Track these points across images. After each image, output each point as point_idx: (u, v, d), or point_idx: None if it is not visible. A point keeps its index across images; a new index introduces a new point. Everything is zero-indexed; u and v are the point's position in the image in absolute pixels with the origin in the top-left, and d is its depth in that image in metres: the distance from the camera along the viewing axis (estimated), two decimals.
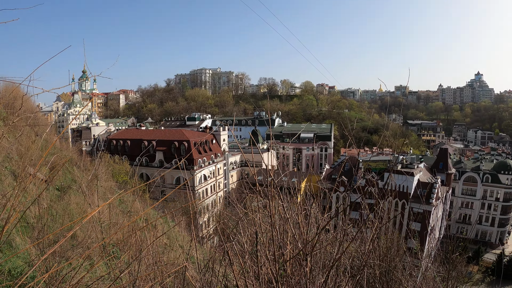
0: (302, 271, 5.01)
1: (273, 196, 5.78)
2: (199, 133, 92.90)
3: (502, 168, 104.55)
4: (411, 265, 10.22)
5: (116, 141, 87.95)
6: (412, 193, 72.70)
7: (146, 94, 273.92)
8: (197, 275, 6.11)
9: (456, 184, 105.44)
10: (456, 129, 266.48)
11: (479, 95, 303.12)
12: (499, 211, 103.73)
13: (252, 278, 4.89)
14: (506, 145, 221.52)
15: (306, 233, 5.62)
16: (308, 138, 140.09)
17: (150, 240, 7.99)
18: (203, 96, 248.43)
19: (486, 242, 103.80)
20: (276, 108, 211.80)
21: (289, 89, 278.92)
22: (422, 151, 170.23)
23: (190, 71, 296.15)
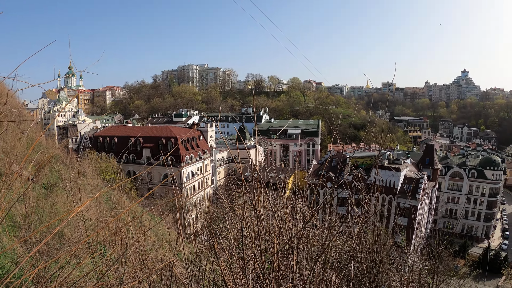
0: (288, 265, 5.02)
1: (259, 191, 5.80)
2: (186, 129, 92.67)
3: (488, 163, 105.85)
4: (398, 259, 10.31)
5: (102, 138, 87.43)
6: (398, 188, 73.13)
7: (133, 90, 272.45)
8: (184, 271, 6.10)
9: (442, 180, 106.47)
10: (443, 125, 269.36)
11: (465, 92, 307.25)
12: (485, 206, 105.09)
13: (239, 273, 4.90)
14: (491, 141, 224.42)
15: (291, 227, 5.63)
16: (295, 134, 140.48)
17: (137, 236, 7.97)
18: (190, 93, 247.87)
19: (472, 236, 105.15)
20: (263, 104, 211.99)
21: (276, 85, 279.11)
22: (409, 147, 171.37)
23: (177, 67, 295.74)
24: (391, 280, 8.90)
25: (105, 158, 66.26)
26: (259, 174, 5.82)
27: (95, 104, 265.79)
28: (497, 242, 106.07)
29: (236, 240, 6.11)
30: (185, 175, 79.64)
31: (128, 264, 6.97)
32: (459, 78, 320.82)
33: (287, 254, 5.06)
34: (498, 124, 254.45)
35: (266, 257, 4.98)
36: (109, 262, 6.87)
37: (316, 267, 5.52)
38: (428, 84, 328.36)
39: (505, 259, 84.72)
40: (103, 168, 58.12)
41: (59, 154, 26.83)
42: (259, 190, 5.75)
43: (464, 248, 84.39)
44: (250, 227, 5.52)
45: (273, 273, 4.92)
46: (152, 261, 7.72)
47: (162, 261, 7.34)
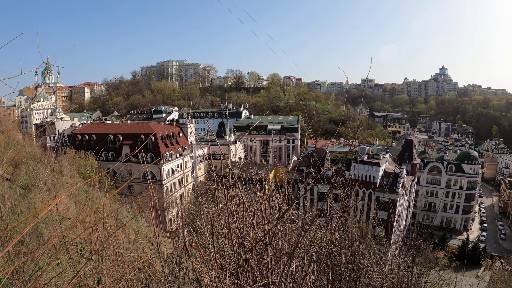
0: (263, 261, 5.01)
1: (232, 186, 5.79)
2: (166, 126, 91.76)
3: (466, 158, 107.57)
4: (378, 253, 10.37)
5: (81, 136, 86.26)
6: (378, 183, 73.64)
7: (111, 87, 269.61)
8: (160, 268, 6.06)
9: (421, 174, 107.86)
10: (421, 120, 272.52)
11: (443, 88, 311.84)
12: (463, 199, 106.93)
13: (215, 270, 4.87)
14: (469, 136, 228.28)
15: (265, 222, 5.61)
16: (275, 130, 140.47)
17: (116, 234, 7.89)
18: (170, 89, 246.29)
19: (451, 228, 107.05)
20: (243, 100, 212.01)
21: (256, 81, 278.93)
22: (388, 142, 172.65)
23: (157, 63, 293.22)
24: (371, 274, 8.96)
25: (83, 156, 65.41)
26: (231, 169, 5.80)
27: (73, 101, 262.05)
28: (476, 234, 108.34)
29: (210, 237, 6.09)
30: (165, 172, 79.12)
31: (106, 262, 6.92)
32: (438, 74, 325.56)
33: (262, 250, 5.04)
34: (476, 119, 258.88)
35: (240, 254, 4.96)
36: (87, 262, 6.81)
37: (293, 263, 5.53)
38: (407, 81, 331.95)
39: (484, 250, 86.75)
40: (82, 167, 57.41)
41: (36, 153, 26.48)
42: (232, 186, 5.74)
43: (443, 240, 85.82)
44: (224, 224, 5.51)
45: (248, 269, 4.91)
46: (132, 259, 7.68)
47: (141, 259, 7.31)
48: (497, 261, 73.05)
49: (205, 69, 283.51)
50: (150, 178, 78.05)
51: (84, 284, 6.02)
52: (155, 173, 78.28)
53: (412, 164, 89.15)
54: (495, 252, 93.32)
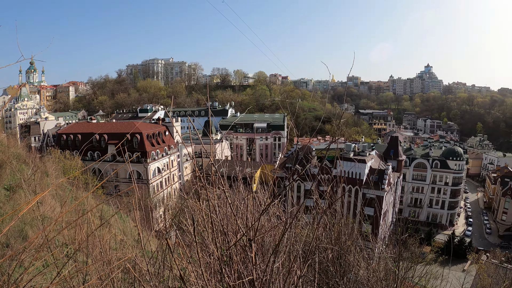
0: (247, 257, 4.97)
1: (214, 183, 5.75)
2: (151, 125, 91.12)
3: (451, 154, 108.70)
4: (364, 248, 10.39)
5: (66, 136, 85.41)
6: (364, 179, 73.99)
7: (96, 85, 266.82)
8: (145, 266, 6.00)
9: (407, 170, 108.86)
10: (406, 118, 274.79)
11: (428, 86, 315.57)
12: (449, 195, 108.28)
13: (199, 267, 4.82)
14: (454, 133, 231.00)
15: (247, 217, 5.57)
16: (262, 128, 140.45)
17: (102, 234, 7.83)
18: (155, 87, 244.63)
19: (437, 224, 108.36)
20: (229, 98, 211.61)
21: (242, 79, 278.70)
22: (374, 139, 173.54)
23: (142, 62, 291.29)
24: (357, 269, 8.97)
25: (69, 156, 64.64)
26: (213, 165, 5.76)
27: (58, 101, 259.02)
28: (462, 228, 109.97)
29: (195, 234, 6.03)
30: (151, 171, 78.69)
31: (91, 262, 6.85)
32: (423, 72, 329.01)
33: (246, 246, 5.00)
34: (460, 116, 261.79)
35: (223, 250, 4.91)
36: (69, 261, 6.73)
37: (279, 259, 5.50)
38: (393, 78, 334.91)
39: (470, 244, 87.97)
40: (67, 167, 56.80)
41: (21, 154, 26.22)
42: (215, 182, 5.70)
43: (430, 235, 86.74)
44: (207, 220, 5.45)
45: (232, 266, 4.86)
46: (119, 259, 7.61)
47: (125, 258, 7.24)
48: (483, 255, 74.28)
49: (191, 67, 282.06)
50: (137, 177, 77.63)
51: (69, 284, 5.95)
52: (141, 172, 77.82)
53: (397, 160, 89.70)
54: (481, 246, 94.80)
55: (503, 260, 55.06)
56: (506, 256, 58.26)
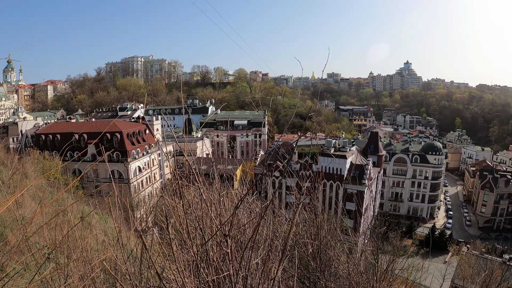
0: (223, 253, 4.98)
1: (190, 180, 5.75)
2: (131, 123, 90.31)
3: (430, 149, 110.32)
4: (345, 242, 10.48)
5: (45, 136, 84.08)
6: (345, 175, 74.49)
7: (75, 84, 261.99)
8: (123, 266, 5.98)
9: (387, 165, 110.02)
10: (386, 113, 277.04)
11: (407, 82, 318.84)
12: (429, 189, 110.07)
13: (175, 263, 4.81)
14: (433, 128, 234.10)
15: (220, 214, 5.59)
16: (242, 125, 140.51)
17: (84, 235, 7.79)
18: (135, 85, 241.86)
19: (418, 217, 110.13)
20: (209, 95, 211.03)
21: (222, 77, 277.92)
22: (354, 135, 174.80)
23: (122, 59, 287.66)
24: (338, 263, 9.04)
25: (48, 157, 63.86)
26: (187, 161, 5.76)
27: (36, 100, 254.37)
28: (442, 221, 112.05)
29: (172, 232, 6.02)
30: (132, 170, 78.14)
31: (73, 263, 6.81)
32: (402, 69, 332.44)
33: (221, 242, 5.01)
34: (439, 112, 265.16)
35: (198, 246, 4.91)
36: (46, 261, 6.68)
37: (257, 254, 5.52)
38: (372, 75, 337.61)
39: (450, 236, 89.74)
40: (46, 168, 56.13)
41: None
42: (190, 179, 5.71)
43: (411, 228, 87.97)
44: (183, 217, 5.43)
45: (209, 262, 4.87)
46: (99, 259, 7.57)
47: (104, 257, 7.20)
48: (464, 246, 75.26)
49: (171, 64, 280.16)
50: (117, 177, 77.08)
51: (50, 285, 5.91)
52: (122, 172, 77.26)
53: (378, 156, 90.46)
54: (461, 238, 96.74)
55: (483, 251, 56.19)
56: (486, 247, 59.35)
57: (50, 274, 6.07)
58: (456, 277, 47.72)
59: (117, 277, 5.58)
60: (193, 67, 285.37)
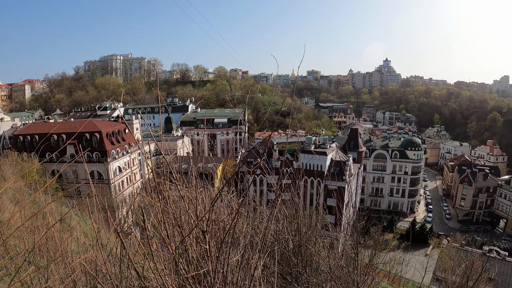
0: (202, 249, 4.96)
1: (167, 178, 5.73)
2: (111, 123, 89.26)
3: (409, 145, 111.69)
4: (325, 237, 10.53)
5: (23, 137, 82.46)
6: (326, 171, 74.85)
7: (53, 83, 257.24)
8: (103, 266, 5.94)
9: (367, 161, 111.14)
10: (366, 110, 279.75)
11: (387, 79, 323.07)
12: (408, 183, 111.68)
13: (161, 262, 4.79)
14: (412, 124, 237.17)
15: (197, 210, 5.57)
16: (222, 123, 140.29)
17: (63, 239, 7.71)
18: (114, 84, 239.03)
19: (399, 212, 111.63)
20: (189, 94, 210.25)
21: (202, 75, 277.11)
22: (334, 132, 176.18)
23: (100, 58, 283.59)
24: (319, 258, 9.09)
25: (26, 158, 62.94)
26: (164, 159, 5.75)
27: (13, 100, 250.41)
28: (422, 215, 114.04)
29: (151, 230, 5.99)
30: (112, 170, 77.41)
31: (54, 267, 6.75)
32: (381, 66, 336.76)
33: (199, 238, 4.99)
34: (418, 108, 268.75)
35: (176, 243, 4.88)
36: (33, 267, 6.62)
37: (237, 250, 5.52)
38: (352, 72, 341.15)
39: (431, 230, 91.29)
40: (25, 170, 55.36)
41: None
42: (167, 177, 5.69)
43: (392, 223, 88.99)
44: (159, 214, 5.40)
45: (188, 258, 4.85)
46: (80, 261, 7.50)
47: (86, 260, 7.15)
48: (444, 239, 76.95)
49: (150, 63, 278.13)
50: (98, 177, 76.38)
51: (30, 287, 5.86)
52: (102, 172, 76.54)
53: (358, 152, 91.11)
54: (442, 231, 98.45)
55: (463, 243, 57.23)
56: (466, 240, 60.36)
57: (30, 277, 6.00)
58: (437, 269, 48.49)
59: (98, 278, 5.54)
60: (173, 65, 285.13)
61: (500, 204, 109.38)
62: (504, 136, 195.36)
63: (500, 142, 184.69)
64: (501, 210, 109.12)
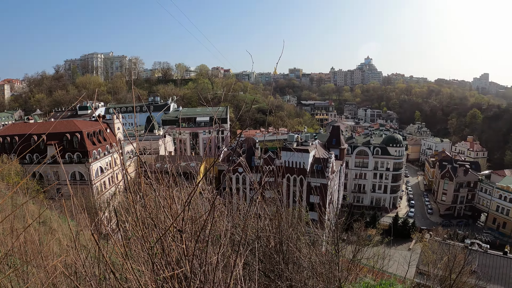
0: (178, 248, 4.93)
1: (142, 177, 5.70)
2: (92, 122, 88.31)
3: (391, 141, 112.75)
4: (307, 234, 10.56)
5: (2, 138, 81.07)
6: (308, 168, 75.09)
7: (33, 83, 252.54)
8: (81, 267, 5.88)
9: (349, 158, 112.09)
10: (347, 108, 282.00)
11: (368, 77, 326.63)
12: (390, 179, 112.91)
13: (140, 262, 4.75)
14: (393, 121, 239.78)
15: (170, 208, 5.54)
16: (204, 122, 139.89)
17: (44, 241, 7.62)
18: (95, 83, 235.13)
19: (381, 207, 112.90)
20: (171, 92, 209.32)
21: (184, 73, 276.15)
22: (316, 129, 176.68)
23: (81, 56, 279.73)
24: (299, 255, 9.11)
25: (6, 160, 62.10)
26: (139, 157, 5.72)
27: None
28: (404, 210, 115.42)
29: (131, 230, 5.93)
30: (94, 171, 76.61)
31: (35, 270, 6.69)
32: (363, 64, 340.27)
33: (176, 238, 4.95)
34: (399, 105, 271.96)
35: (152, 242, 4.84)
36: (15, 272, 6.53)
37: (217, 249, 5.49)
38: (334, 70, 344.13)
39: (413, 224, 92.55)
40: (5, 172, 54.55)
41: None
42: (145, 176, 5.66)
43: (375, 219, 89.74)
44: (134, 214, 5.35)
45: (165, 258, 4.81)
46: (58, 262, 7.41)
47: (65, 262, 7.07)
48: (426, 233, 78.13)
49: (132, 61, 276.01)
50: (79, 178, 75.62)
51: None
52: (84, 173, 75.73)
53: (340, 149, 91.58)
54: (424, 225, 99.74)
55: (445, 237, 58.12)
56: (448, 234, 61.14)
57: (10, 279, 5.93)
58: (420, 263, 49.24)
59: (76, 279, 5.49)
60: (154, 63, 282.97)
61: (481, 198, 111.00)
62: (484, 132, 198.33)
63: (480, 138, 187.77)
64: (481, 204, 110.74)
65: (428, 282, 27.85)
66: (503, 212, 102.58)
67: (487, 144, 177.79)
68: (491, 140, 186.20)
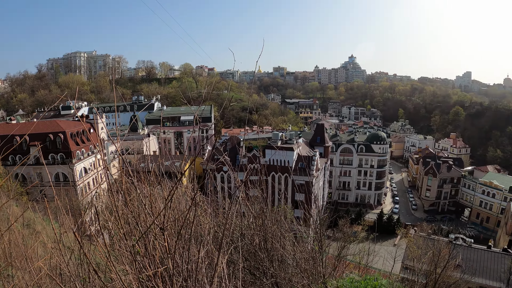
0: (161, 246, 4.94)
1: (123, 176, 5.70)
2: (75, 122, 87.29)
3: (375, 139, 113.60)
4: (294, 232, 10.62)
5: None
6: (293, 166, 75.29)
7: (15, 82, 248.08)
8: (65, 268, 5.87)
9: (334, 156, 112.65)
10: (332, 106, 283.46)
11: (352, 75, 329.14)
12: (375, 176, 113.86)
13: (123, 261, 4.75)
14: (377, 119, 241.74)
15: (151, 207, 5.55)
16: (189, 121, 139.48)
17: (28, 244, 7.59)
18: (78, 82, 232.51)
19: (366, 204, 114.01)
20: (155, 91, 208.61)
21: (168, 72, 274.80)
22: (301, 127, 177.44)
23: (64, 55, 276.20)
24: (284, 252, 9.17)
25: None
26: (121, 156, 5.73)
27: None
28: (389, 207, 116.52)
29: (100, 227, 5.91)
30: (78, 172, 75.86)
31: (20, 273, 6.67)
32: (347, 63, 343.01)
33: (157, 235, 4.96)
34: (383, 103, 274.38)
35: (134, 240, 4.85)
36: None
37: (202, 248, 5.51)
38: (318, 69, 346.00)
39: (398, 220, 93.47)
40: None
41: None
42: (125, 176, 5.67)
43: (360, 215, 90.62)
44: (116, 213, 5.34)
45: (148, 256, 4.82)
46: (50, 266, 7.39)
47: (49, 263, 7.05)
48: (411, 229, 78.87)
49: (115, 60, 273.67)
50: (63, 180, 74.86)
51: None
52: (67, 174, 74.94)
53: (324, 147, 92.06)
54: (409, 221, 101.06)
55: (430, 232, 58.69)
56: (433, 229, 61.77)
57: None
58: (406, 258, 49.73)
59: (61, 281, 5.48)
60: (138, 62, 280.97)
61: (464, 194, 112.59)
62: (466, 129, 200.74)
63: (463, 134, 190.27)
64: (465, 199, 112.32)
65: (413, 277, 28.22)
66: (486, 207, 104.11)
67: (469, 140, 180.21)
68: (473, 137, 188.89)
